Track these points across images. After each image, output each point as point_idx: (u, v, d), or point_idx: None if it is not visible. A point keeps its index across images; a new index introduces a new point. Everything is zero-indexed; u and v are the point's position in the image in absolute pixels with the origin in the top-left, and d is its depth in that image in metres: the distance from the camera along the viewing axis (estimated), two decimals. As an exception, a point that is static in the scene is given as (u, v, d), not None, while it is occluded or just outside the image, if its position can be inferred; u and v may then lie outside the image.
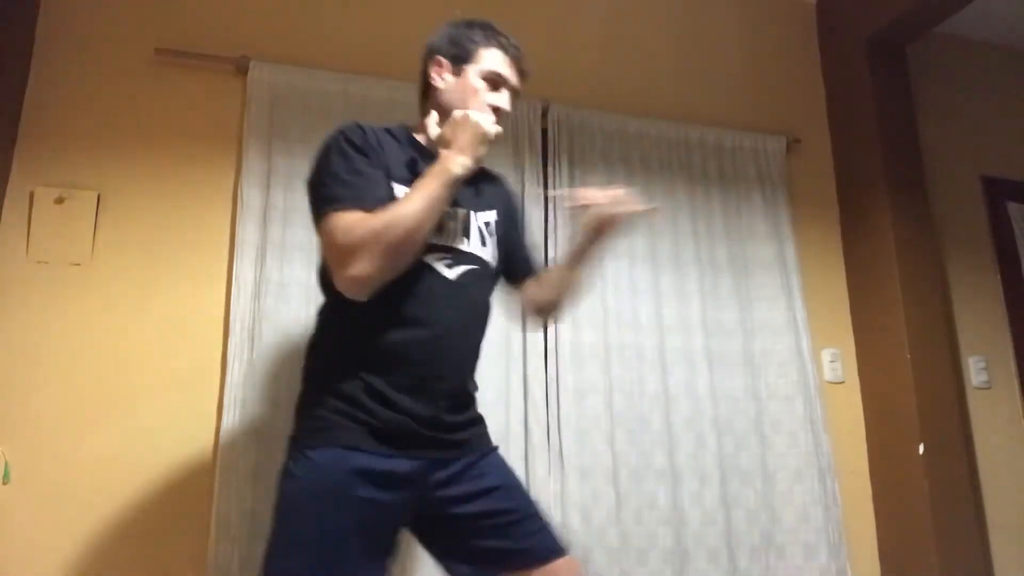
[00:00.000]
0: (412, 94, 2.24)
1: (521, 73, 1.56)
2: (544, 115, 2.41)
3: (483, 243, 1.50)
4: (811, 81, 2.93)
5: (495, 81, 1.51)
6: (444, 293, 1.41)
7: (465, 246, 1.46)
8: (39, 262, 1.94)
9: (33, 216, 1.95)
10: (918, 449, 2.39)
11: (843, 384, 2.62)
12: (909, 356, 2.47)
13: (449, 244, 1.44)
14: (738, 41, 2.86)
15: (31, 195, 1.96)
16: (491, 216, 1.54)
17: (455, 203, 1.43)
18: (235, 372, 1.94)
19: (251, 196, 2.06)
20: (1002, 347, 2.82)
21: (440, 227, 1.40)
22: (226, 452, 1.88)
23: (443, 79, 1.52)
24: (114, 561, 1.82)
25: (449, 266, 1.43)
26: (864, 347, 2.65)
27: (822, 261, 2.73)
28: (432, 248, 1.40)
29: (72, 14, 2.10)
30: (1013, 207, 3.01)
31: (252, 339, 1.97)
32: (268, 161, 2.09)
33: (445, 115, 1.47)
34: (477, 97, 1.49)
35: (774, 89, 2.85)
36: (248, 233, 2.03)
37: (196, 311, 2.01)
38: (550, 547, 1.44)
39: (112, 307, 1.96)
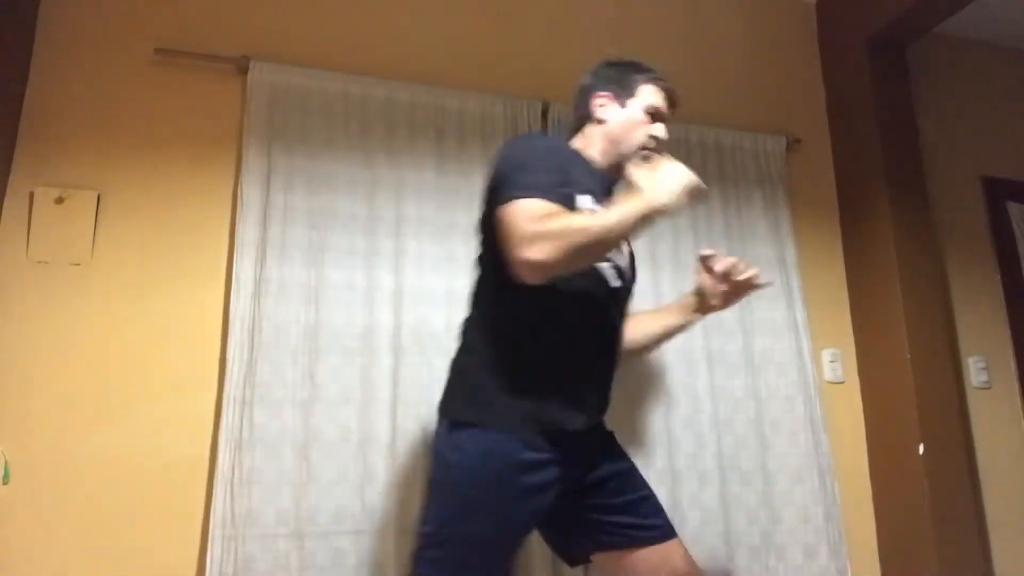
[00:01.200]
0: (412, 94, 2.27)
1: (672, 104, 1.69)
2: (544, 115, 2.41)
3: (631, 265, 1.69)
4: (811, 81, 2.93)
5: (654, 114, 1.65)
6: (606, 298, 1.57)
7: (623, 262, 1.62)
8: (39, 262, 1.94)
9: (33, 216, 1.95)
10: (918, 449, 2.39)
11: (843, 384, 2.62)
12: (909, 356, 2.46)
13: (613, 259, 1.59)
14: (738, 41, 2.85)
15: (31, 195, 1.96)
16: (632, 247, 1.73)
17: None
18: (234, 372, 1.93)
19: (251, 196, 2.06)
20: (1002, 347, 2.82)
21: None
22: (225, 452, 1.88)
23: (608, 112, 1.65)
24: (114, 561, 1.82)
25: (616, 277, 1.59)
26: (864, 347, 2.65)
27: (822, 261, 2.72)
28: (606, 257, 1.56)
29: (72, 14, 2.10)
30: (1013, 207, 3.00)
31: (252, 339, 1.97)
32: (268, 161, 2.09)
33: (610, 144, 1.63)
34: (642, 128, 1.64)
35: (774, 89, 2.85)
36: (248, 233, 2.03)
37: (196, 311, 2.01)
38: (669, 527, 1.60)
39: (112, 307, 1.96)
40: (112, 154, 2.05)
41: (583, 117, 1.69)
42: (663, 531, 1.59)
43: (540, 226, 1.32)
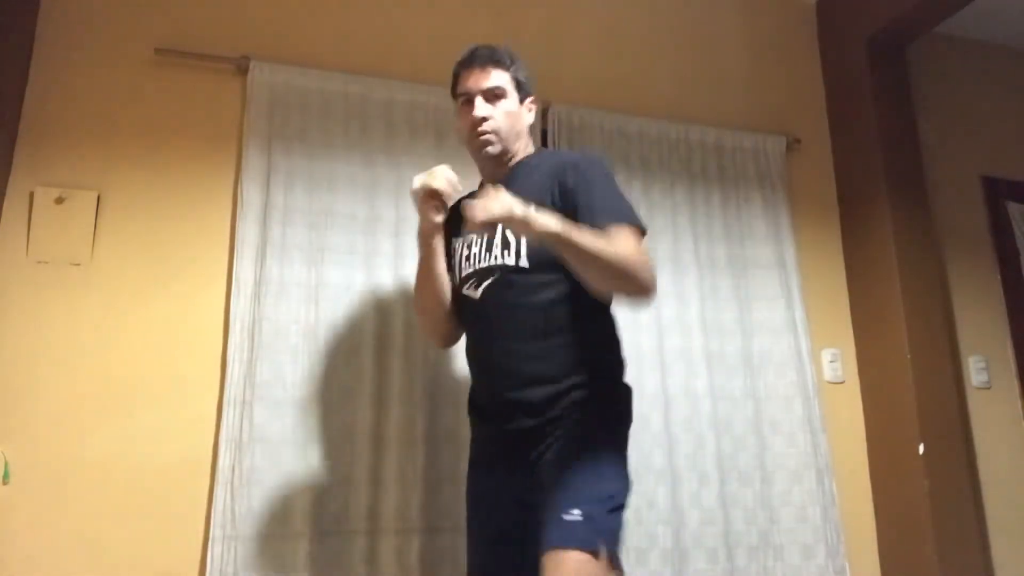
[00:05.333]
0: (412, 94, 2.27)
1: (484, 67, 1.61)
2: (544, 115, 2.41)
3: (505, 247, 1.56)
4: (811, 81, 2.93)
5: (466, 100, 1.63)
6: (476, 312, 1.61)
7: (486, 262, 1.58)
8: (39, 262, 1.94)
9: (33, 216, 1.95)
10: (918, 449, 2.39)
11: (843, 384, 2.62)
12: (909, 356, 2.46)
13: (472, 270, 1.61)
14: (738, 41, 2.85)
15: (31, 195, 1.96)
16: None
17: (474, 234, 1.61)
18: (235, 372, 1.94)
19: (251, 196, 2.06)
20: (1002, 347, 2.82)
21: (467, 259, 1.62)
22: (226, 452, 1.88)
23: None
24: (114, 561, 1.82)
25: (476, 287, 1.60)
26: (864, 347, 2.65)
27: (822, 261, 2.72)
28: (462, 283, 1.63)
29: (72, 14, 2.10)
30: (1013, 207, 3.00)
31: (252, 339, 1.97)
32: (268, 161, 2.10)
33: (472, 155, 1.70)
34: (463, 124, 1.65)
35: (774, 89, 2.85)
36: (248, 233, 2.04)
37: (196, 311, 2.01)
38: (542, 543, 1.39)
39: (112, 307, 1.96)
40: (112, 154, 2.05)
41: None
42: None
43: None
